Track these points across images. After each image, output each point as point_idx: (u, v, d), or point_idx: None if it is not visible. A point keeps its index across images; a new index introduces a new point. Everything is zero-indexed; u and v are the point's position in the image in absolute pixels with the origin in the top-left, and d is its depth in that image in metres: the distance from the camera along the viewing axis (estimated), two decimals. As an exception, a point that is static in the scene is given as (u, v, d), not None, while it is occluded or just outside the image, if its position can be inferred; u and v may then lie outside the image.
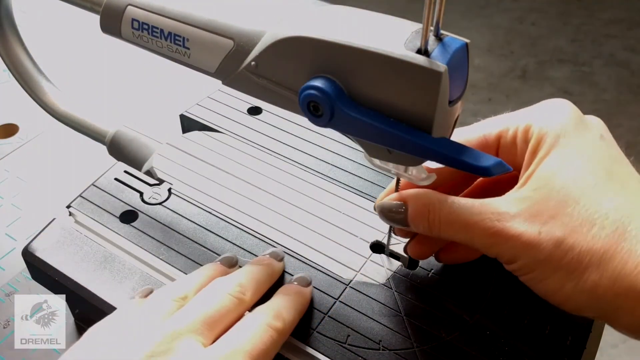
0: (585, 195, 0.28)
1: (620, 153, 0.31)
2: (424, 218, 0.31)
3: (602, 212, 0.27)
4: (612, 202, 0.28)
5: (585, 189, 0.28)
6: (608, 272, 0.27)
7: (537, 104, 0.32)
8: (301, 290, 0.34)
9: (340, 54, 0.27)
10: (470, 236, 0.30)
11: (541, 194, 0.29)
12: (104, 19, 0.34)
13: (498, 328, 0.34)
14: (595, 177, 0.28)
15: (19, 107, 0.61)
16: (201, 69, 0.32)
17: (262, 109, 0.49)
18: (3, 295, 0.44)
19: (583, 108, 0.31)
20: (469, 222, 0.30)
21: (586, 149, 0.30)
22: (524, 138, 0.31)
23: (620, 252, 0.27)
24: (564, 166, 0.29)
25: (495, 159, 0.27)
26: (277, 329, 0.30)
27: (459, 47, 0.27)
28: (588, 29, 2.06)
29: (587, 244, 0.27)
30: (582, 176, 0.28)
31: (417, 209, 0.31)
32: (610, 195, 0.28)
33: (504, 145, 0.32)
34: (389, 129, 0.27)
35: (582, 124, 0.31)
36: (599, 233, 0.27)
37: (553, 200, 0.28)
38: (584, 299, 0.28)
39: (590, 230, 0.27)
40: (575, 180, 0.28)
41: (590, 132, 0.31)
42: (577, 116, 0.31)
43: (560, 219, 0.28)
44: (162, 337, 0.29)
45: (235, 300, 0.31)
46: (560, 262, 0.28)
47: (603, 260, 0.27)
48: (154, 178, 0.43)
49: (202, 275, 0.34)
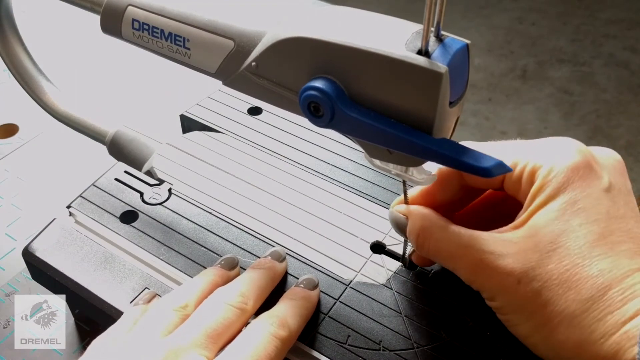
0: (571, 254, 0.28)
1: (626, 204, 0.30)
2: (417, 238, 0.32)
3: (583, 275, 0.27)
4: (596, 267, 0.27)
5: (572, 248, 0.28)
6: (575, 336, 0.27)
7: (550, 141, 0.32)
8: (308, 294, 0.34)
9: (341, 55, 0.27)
10: (455, 267, 0.31)
11: (530, 243, 0.29)
12: (105, 19, 0.34)
13: (498, 328, 0.34)
14: (586, 237, 0.28)
15: (19, 107, 0.61)
16: (202, 70, 0.32)
17: (262, 109, 0.49)
18: (3, 295, 0.44)
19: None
20: (456, 253, 0.30)
21: (586, 204, 0.29)
22: (529, 179, 0.30)
23: (591, 319, 0.27)
24: (559, 220, 0.29)
25: (496, 160, 0.27)
26: (282, 337, 0.30)
27: (460, 48, 0.27)
28: (588, 29, 2.06)
29: (562, 304, 0.27)
30: (574, 234, 0.28)
31: (413, 228, 0.33)
32: (596, 258, 0.28)
33: (509, 179, 0.32)
34: (390, 130, 0.27)
35: (591, 173, 0.29)
36: (575, 296, 0.27)
37: (539, 252, 0.28)
38: (549, 353, 0.29)
39: (567, 291, 0.27)
40: (565, 237, 0.28)
41: (597, 182, 0.29)
42: (586, 163, 0.30)
43: (542, 273, 0.28)
44: (166, 354, 0.29)
45: (238, 311, 0.31)
46: (534, 313, 0.28)
47: (572, 324, 0.27)
48: (154, 178, 0.43)
49: (202, 281, 0.34)
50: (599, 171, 0.30)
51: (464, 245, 0.30)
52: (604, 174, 0.30)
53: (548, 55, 1.95)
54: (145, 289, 0.36)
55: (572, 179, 0.29)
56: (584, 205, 0.29)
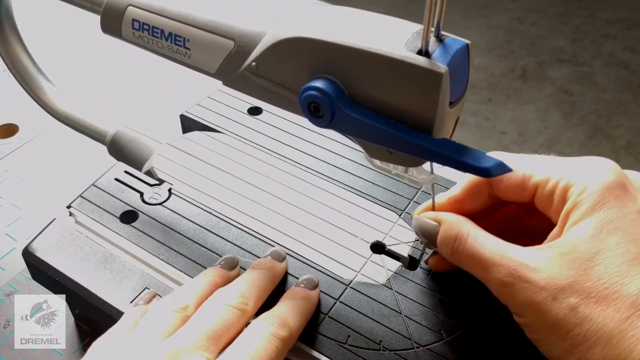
0: (609, 272, 0.27)
1: None
2: (450, 244, 0.32)
3: (622, 294, 0.27)
4: (636, 285, 0.27)
5: (609, 266, 0.28)
6: (612, 356, 0.26)
7: (583, 160, 0.31)
8: (308, 294, 0.34)
9: (341, 55, 0.27)
10: (486, 276, 0.30)
11: (566, 259, 0.28)
12: (105, 19, 0.34)
13: (498, 328, 0.34)
14: (624, 256, 0.28)
15: (19, 107, 0.61)
16: (202, 70, 0.32)
17: (262, 109, 0.49)
18: (3, 295, 0.44)
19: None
20: (489, 262, 0.30)
21: (622, 223, 0.29)
22: (561, 196, 0.30)
23: (629, 339, 0.26)
24: (595, 238, 0.28)
25: (496, 160, 0.27)
26: (283, 338, 0.30)
27: (460, 48, 0.27)
28: (588, 29, 2.06)
29: (600, 322, 0.27)
30: (611, 252, 0.28)
31: (447, 233, 0.32)
32: (635, 277, 0.27)
33: (540, 194, 0.31)
34: (390, 130, 0.27)
35: (626, 194, 0.29)
36: (614, 315, 0.27)
37: (576, 269, 0.28)
38: None
39: (606, 309, 0.27)
40: (602, 255, 0.28)
41: (632, 203, 0.29)
42: (621, 183, 0.30)
43: (579, 290, 0.27)
44: (166, 356, 0.29)
45: (238, 312, 0.31)
46: (568, 332, 0.27)
47: (609, 343, 0.27)
48: (154, 178, 0.43)
49: (202, 282, 0.34)
50: (634, 192, 0.30)
51: (499, 254, 0.29)
52: (639, 196, 0.30)
53: (548, 55, 1.95)
54: (145, 289, 0.36)
55: (608, 198, 0.29)
56: (620, 225, 0.28)
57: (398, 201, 0.41)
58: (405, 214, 0.40)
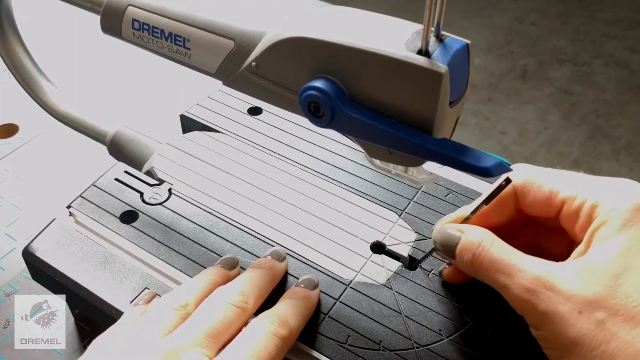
0: (638, 291, 0.27)
1: None
2: (472, 250, 0.31)
3: None
4: None
5: (638, 284, 0.27)
6: None
7: (611, 180, 0.31)
8: (308, 294, 0.34)
9: (341, 55, 0.27)
10: (507, 284, 0.29)
11: (593, 274, 0.28)
12: (105, 19, 0.34)
13: (498, 328, 0.34)
14: None
15: (19, 107, 0.61)
16: (202, 70, 0.32)
17: (262, 109, 0.49)
18: (3, 295, 0.44)
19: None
20: (514, 267, 0.29)
21: None
22: (588, 214, 0.30)
23: None
24: (624, 256, 0.28)
25: (496, 160, 0.27)
26: (283, 336, 0.30)
27: (460, 48, 0.27)
28: (588, 29, 2.06)
29: (628, 341, 0.26)
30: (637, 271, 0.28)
31: (470, 239, 0.32)
32: None
33: (566, 211, 0.31)
34: (390, 130, 0.27)
35: None
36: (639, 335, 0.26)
37: (604, 285, 0.27)
38: None
39: (634, 329, 0.26)
40: (632, 273, 0.27)
41: None
42: None
43: (606, 306, 0.27)
44: (166, 354, 0.29)
45: (238, 310, 0.31)
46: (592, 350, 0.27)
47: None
48: (154, 178, 0.43)
49: (202, 281, 0.34)
50: None
51: (523, 263, 0.29)
52: None
53: (548, 55, 1.95)
54: (145, 289, 0.36)
55: (637, 218, 0.29)
56: None
57: (398, 201, 0.41)
58: (405, 214, 0.40)
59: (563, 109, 1.73)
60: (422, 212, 0.40)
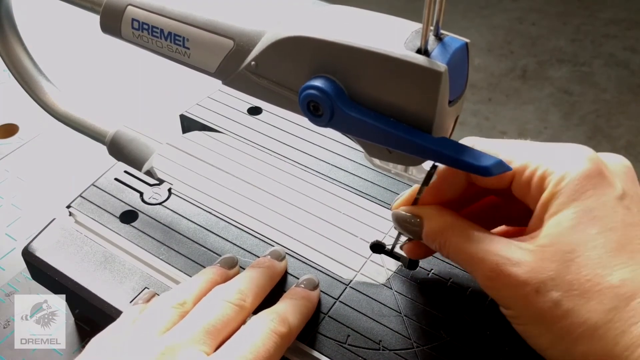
0: (590, 264, 0.27)
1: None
2: (436, 239, 0.31)
3: (604, 285, 0.27)
4: (618, 276, 0.27)
5: (591, 257, 0.27)
6: (598, 348, 0.26)
7: (561, 147, 0.31)
8: (308, 294, 0.34)
9: (340, 54, 0.27)
10: (473, 269, 0.30)
11: (547, 252, 0.28)
12: (104, 19, 0.34)
13: (498, 328, 0.34)
14: (605, 246, 0.27)
15: (19, 107, 0.61)
16: (201, 69, 0.32)
17: (262, 109, 0.49)
18: (3, 295, 0.44)
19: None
20: (475, 256, 0.29)
21: (601, 212, 0.28)
22: (539, 185, 0.30)
23: (615, 330, 0.26)
24: (575, 229, 0.28)
25: (495, 158, 0.27)
26: (282, 334, 0.30)
27: (459, 47, 0.27)
28: (588, 29, 2.06)
29: (583, 315, 0.27)
30: (592, 243, 0.27)
31: (432, 229, 0.32)
32: (617, 267, 0.27)
33: (517, 182, 0.31)
34: (389, 129, 0.27)
35: (604, 181, 0.29)
36: (597, 307, 0.26)
37: (557, 262, 0.28)
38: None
39: (589, 302, 0.27)
40: (583, 247, 0.27)
41: (610, 190, 0.29)
42: (598, 171, 0.29)
43: (561, 283, 0.27)
44: (164, 350, 0.29)
45: (236, 308, 0.31)
46: (553, 325, 0.27)
47: (595, 335, 0.26)
48: (154, 178, 0.43)
49: (201, 280, 0.34)
50: (612, 179, 0.29)
51: (483, 249, 0.29)
52: (617, 182, 0.29)
53: (548, 55, 1.95)
54: (145, 289, 0.36)
55: (586, 187, 0.28)
56: (600, 214, 0.28)
57: (398, 201, 0.41)
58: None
59: (563, 109, 1.73)
60: (422, 211, 0.40)
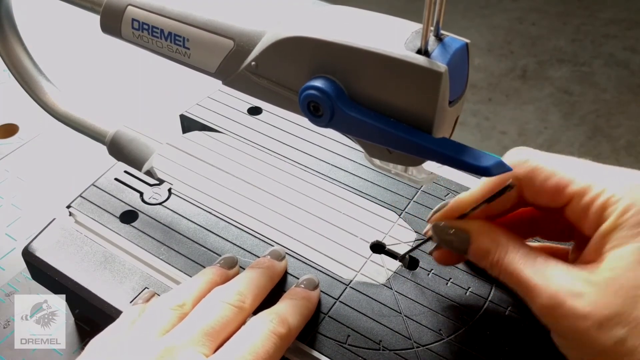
0: None
1: None
2: (486, 258, 0.30)
3: None
4: None
5: None
6: None
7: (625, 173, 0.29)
8: (308, 295, 0.34)
9: (341, 54, 0.27)
10: (528, 295, 0.28)
11: (611, 285, 0.27)
12: (104, 19, 0.34)
13: (498, 328, 0.34)
14: None
15: (19, 107, 0.61)
16: (201, 69, 0.32)
17: (262, 109, 0.49)
18: (3, 295, 0.44)
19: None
20: (530, 283, 0.28)
21: None
22: (599, 212, 0.28)
23: None
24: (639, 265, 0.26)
25: (496, 159, 0.27)
26: (281, 335, 0.30)
27: (459, 47, 0.27)
28: (588, 29, 2.06)
29: None
30: None
31: (481, 247, 0.30)
32: None
33: (575, 204, 0.29)
34: (389, 129, 0.27)
35: None
36: None
37: (623, 297, 0.26)
38: None
39: None
40: None
41: None
42: None
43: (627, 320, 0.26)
44: (163, 352, 0.29)
45: (235, 309, 0.31)
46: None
47: None
48: (154, 178, 0.43)
49: (200, 281, 0.34)
50: None
51: (542, 275, 0.28)
52: None
53: (548, 55, 1.95)
54: (145, 289, 0.36)
55: None
56: None
57: (398, 201, 0.41)
58: (405, 213, 0.40)
59: (563, 109, 1.73)
60: (422, 211, 0.40)
